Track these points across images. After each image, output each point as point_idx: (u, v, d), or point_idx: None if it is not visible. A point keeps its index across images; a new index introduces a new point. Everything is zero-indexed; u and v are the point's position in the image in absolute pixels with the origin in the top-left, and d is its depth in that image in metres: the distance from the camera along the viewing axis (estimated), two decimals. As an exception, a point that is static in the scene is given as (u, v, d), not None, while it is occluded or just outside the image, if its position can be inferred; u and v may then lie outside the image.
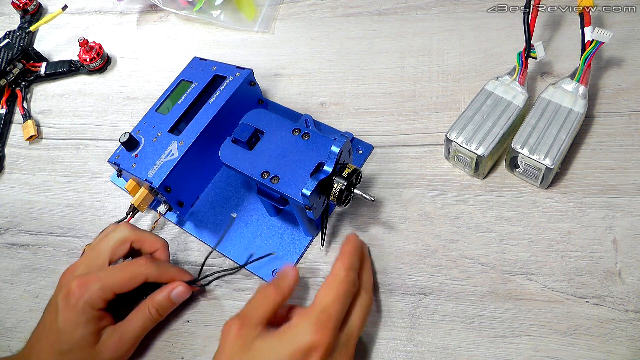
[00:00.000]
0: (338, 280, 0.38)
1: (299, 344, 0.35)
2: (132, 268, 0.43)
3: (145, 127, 0.51)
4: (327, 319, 0.36)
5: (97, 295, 0.41)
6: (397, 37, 0.60)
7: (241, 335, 0.37)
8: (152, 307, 0.43)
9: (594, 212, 0.44)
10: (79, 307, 0.40)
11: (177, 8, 0.68)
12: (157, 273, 0.43)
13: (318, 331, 0.35)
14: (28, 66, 0.68)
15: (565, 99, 0.45)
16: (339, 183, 0.40)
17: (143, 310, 0.43)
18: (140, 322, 0.43)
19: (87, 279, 0.41)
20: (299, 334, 0.36)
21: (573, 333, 0.39)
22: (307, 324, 0.36)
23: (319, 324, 0.36)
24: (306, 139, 0.43)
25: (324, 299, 0.37)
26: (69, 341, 0.40)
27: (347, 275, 0.39)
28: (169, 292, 0.44)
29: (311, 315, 0.36)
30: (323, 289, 0.38)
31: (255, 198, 0.50)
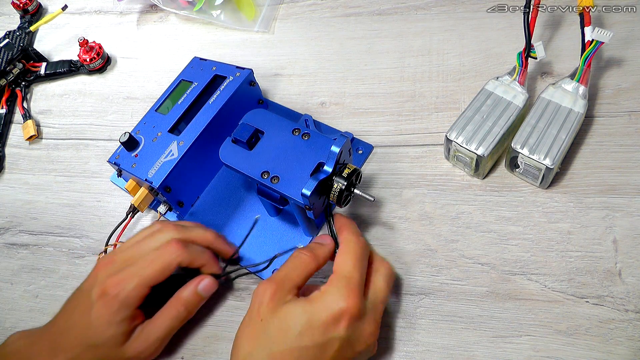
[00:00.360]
0: (352, 246, 0.39)
1: (330, 311, 0.36)
2: (163, 258, 0.41)
3: (145, 127, 0.51)
4: (353, 285, 0.37)
5: (133, 294, 0.40)
6: (397, 37, 0.60)
7: (274, 299, 0.37)
8: (181, 305, 0.42)
9: (594, 212, 0.44)
10: (114, 307, 0.40)
11: (177, 8, 0.68)
12: (190, 258, 0.42)
13: (346, 298, 0.36)
14: (28, 66, 0.68)
15: (565, 99, 0.45)
16: (339, 183, 0.40)
17: (170, 310, 0.42)
18: (168, 322, 0.42)
19: (122, 278, 0.41)
20: (328, 300, 0.36)
21: (573, 333, 0.40)
22: (335, 291, 0.37)
23: (346, 291, 0.37)
24: (306, 139, 0.43)
25: (345, 266, 0.38)
26: (99, 338, 0.40)
27: (358, 240, 0.40)
28: (196, 287, 0.43)
29: (337, 282, 0.37)
30: (341, 257, 0.39)
31: (256, 198, 0.50)
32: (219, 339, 0.45)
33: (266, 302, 0.37)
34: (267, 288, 0.38)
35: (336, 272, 0.38)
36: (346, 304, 0.36)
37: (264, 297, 0.37)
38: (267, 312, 0.37)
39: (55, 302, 0.50)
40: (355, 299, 0.36)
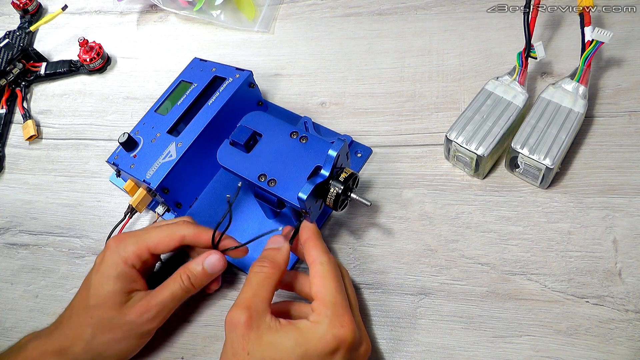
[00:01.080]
0: (327, 268, 0.38)
1: (326, 343, 0.34)
2: (169, 228, 0.42)
3: (145, 127, 0.51)
4: (342, 310, 0.35)
5: (130, 249, 0.40)
6: (397, 37, 0.60)
7: (252, 326, 0.34)
8: (185, 275, 0.41)
9: (594, 212, 0.44)
10: (111, 260, 0.40)
11: (177, 8, 0.68)
12: (194, 233, 0.42)
13: (340, 326, 0.34)
14: (28, 66, 0.68)
15: (565, 99, 0.45)
16: (335, 187, 0.40)
17: (175, 278, 0.41)
18: (171, 289, 0.41)
19: (124, 236, 0.42)
20: (321, 332, 0.34)
21: (573, 333, 0.40)
22: (326, 321, 0.35)
23: (338, 319, 0.35)
24: (304, 142, 0.43)
25: (327, 291, 0.36)
26: (97, 296, 0.40)
27: (329, 258, 0.38)
28: (202, 260, 0.41)
29: (326, 310, 0.35)
30: (319, 281, 0.37)
31: (253, 200, 0.50)
32: (219, 339, 0.45)
33: (243, 332, 0.34)
34: (240, 315, 0.35)
35: (319, 298, 0.36)
36: (342, 333, 0.34)
37: (239, 326, 0.34)
38: (252, 343, 0.34)
39: (55, 302, 0.50)
40: (349, 325, 0.35)
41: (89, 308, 0.40)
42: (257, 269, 0.38)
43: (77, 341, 0.40)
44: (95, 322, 0.40)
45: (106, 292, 0.40)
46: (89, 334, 0.40)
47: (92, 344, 0.40)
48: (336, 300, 0.36)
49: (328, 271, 0.37)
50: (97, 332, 0.40)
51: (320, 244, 0.40)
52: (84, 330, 0.40)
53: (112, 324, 0.40)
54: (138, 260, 0.41)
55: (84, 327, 0.40)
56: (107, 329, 0.40)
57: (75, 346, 0.40)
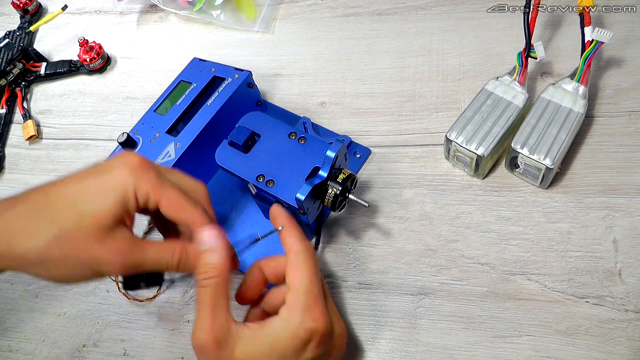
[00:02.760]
0: (303, 256, 0.36)
1: (298, 338, 0.33)
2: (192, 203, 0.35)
3: (144, 127, 0.51)
4: (315, 300, 0.35)
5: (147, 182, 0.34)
6: (397, 37, 0.59)
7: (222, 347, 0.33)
8: (178, 254, 0.35)
9: (594, 212, 0.44)
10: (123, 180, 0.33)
11: (177, 8, 0.68)
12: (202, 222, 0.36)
13: (313, 319, 0.34)
14: (28, 66, 0.68)
15: (565, 99, 0.45)
16: (333, 188, 0.40)
17: (167, 248, 0.35)
18: (158, 255, 0.35)
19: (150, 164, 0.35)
20: (293, 326, 0.33)
21: (573, 333, 0.39)
22: (297, 315, 0.34)
23: (311, 311, 0.34)
24: (302, 142, 0.43)
25: (301, 281, 0.35)
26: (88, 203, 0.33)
27: (307, 246, 0.37)
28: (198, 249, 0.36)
29: (298, 303, 0.34)
30: (294, 272, 0.35)
31: (252, 200, 0.50)
32: None
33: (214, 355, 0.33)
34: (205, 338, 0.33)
35: (293, 290, 0.35)
36: (314, 327, 0.34)
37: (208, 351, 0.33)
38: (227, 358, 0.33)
39: (55, 302, 0.50)
40: (321, 316, 0.34)
41: (72, 210, 0.33)
42: (204, 282, 0.34)
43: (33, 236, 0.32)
44: (69, 225, 0.33)
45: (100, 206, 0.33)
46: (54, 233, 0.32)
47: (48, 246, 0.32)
48: (309, 292, 0.35)
49: (303, 260, 0.36)
50: (62, 236, 0.32)
51: (295, 231, 0.38)
52: (50, 227, 0.33)
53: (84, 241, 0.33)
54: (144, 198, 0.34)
55: (51, 225, 0.33)
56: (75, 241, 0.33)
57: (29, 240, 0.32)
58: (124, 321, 0.48)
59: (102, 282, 0.49)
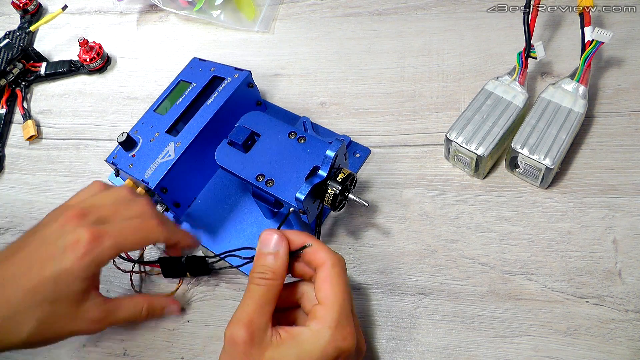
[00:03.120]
0: (337, 270, 0.36)
1: (326, 354, 0.33)
2: (146, 232, 0.41)
3: (144, 127, 0.51)
4: (347, 317, 0.34)
5: (107, 253, 0.38)
6: (397, 37, 0.59)
7: (254, 345, 0.33)
8: (146, 310, 0.43)
9: (594, 212, 0.44)
10: (85, 261, 0.37)
11: (177, 8, 0.68)
12: (166, 236, 0.42)
13: (342, 338, 0.34)
14: (28, 66, 0.68)
15: (565, 99, 0.45)
16: (333, 188, 0.40)
17: (136, 305, 0.42)
18: (129, 313, 0.42)
19: (100, 233, 0.38)
20: (322, 342, 0.33)
21: (573, 333, 0.39)
22: (327, 332, 0.33)
23: (341, 331, 0.34)
24: (302, 142, 0.43)
25: (335, 297, 0.35)
26: (58, 292, 0.37)
27: (339, 259, 0.36)
28: (165, 305, 0.45)
29: (329, 319, 0.34)
30: (328, 286, 0.35)
31: (252, 200, 0.50)
32: (219, 339, 0.45)
33: (244, 349, 0.33)
34: (242, 332, 0.33)
35: (326, 305, 0.34)
36: (344, 345, 0.34)
37: (240, 344, 0.33)
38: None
39: (55, 302, 0.50)
40: (351, 335, 0.34)
41: (44, 302, 0.37)
42: (258, 281, 0.35)
43: (16, 331, 0.37)
44: (46, 316, 0.37)
45: (69, 291, 0.37)
46: (33, 327, 0.37)
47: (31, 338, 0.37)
48: (342, 310, 0.34)
49: (337, 274, 0.35)
50: (42, 327, 0.37)
51: (322, 245, 0.37)
52: (29, 322, 0.37)
53: (63, 323, 0.38)
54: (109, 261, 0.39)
55: (29, 319, 0.37)
56: (55, 327, 0.38)
57: (12, 336, 0.37)
58: (124, 321, 0.48)
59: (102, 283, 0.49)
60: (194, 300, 0.47)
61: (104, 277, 0.50)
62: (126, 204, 0.42)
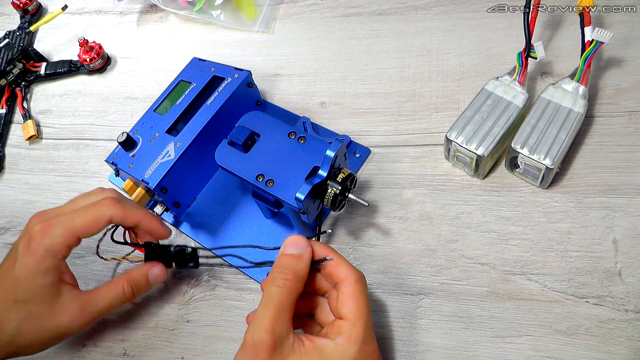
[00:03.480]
0: (360, 287, 0.35)
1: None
2: (94, 210, 0.40)
3: (143, 127, 0.51)
4: (371, 334, 0.35)
5: (58, 241, 0.38)
6: (397, 37, 0.59)
7: (276, 353, 0.32)
8: (127, 285, 0.41)
9: (594, 212, 0.44)
10: (39, 253, 0.38)
11: (177, 8, 0.68)
12: (122, 214, 0.40)
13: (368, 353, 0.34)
14: (28, 66, 0.68)
15: (565, 99, 0.45)
16: (333, 188, 0.40)
17: (115, 286, 0.41)
18: (110, 298, 0.40)
19: (49, 224, 0.38)
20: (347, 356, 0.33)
21: (573, 333, 0.39)
22: (354, 349, 0.33)
23: (366, 349, 0.34)
24: (302, 142, 0.43)
25: (361, 313, 0.34)
26: (25, 290, 0.38)
27: (362, 276, 0.36)
28: (147, 271, 0.42)
29: (357, 334, 0.34)
30: (352, 302, 0.35)
31: (252, 200, 0.50)
32: (219, 339, 0.45)
33: (266, 357, 0.32)
34: (264, 338, 0.32)
35: (351, 321, 0.34)
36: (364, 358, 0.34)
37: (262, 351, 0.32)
38: None
39: (55, 302, 0.50)
40: (375, 353, 0.34)
41: (17, 302, 0.38)
42: (279, 283, 0.34)
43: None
44: (23, 317, 0.38)
45: (36, 287, 0.38)
46: (13, 328, 0.38)
47: (14, 340, 0.38)
48: (366, 326, 0.34)
49: (361, 291, 0.35)
50: (22, 327, 0.38)
51: (344, 259, 0.37)
52: (8, 324, 0.38)
53: (40, 322, 0.38)
54: (67, 249, 0.39)
55: (8, 322, 0.38)
56: (34, 327, 0.38)
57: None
58: (124, 321, 0.48)
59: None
60: (194, 300, 0.47)
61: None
62: (86, 195, 0.42)
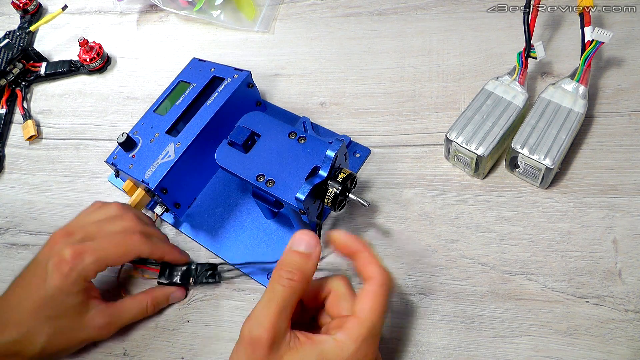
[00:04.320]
0: (383, 290, 0.35)
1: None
2: (127, 245, 0.43)
3: (143, 127, 0.51)
4: (374, 337, 0.34)
5: (90, 268, 0.41)
6: (397, 37, 0.59)
7: (273, 349, 0.32)
8: (150, 303, 0.45)
9: (594, 212, 0.44)
10: (71, 277, 0.41)
11: (177, 8, 0.68)
12: (150, 251, 0.44)
13: (366, 353, 0.33)
14: (28, 66, 0.68)
15: (565, 99, 0.45)
16: (333, 188, 0.40)
17: (140, 302, 0.45)
18: (134, 313, 0.45)
19: (82, 250, 0.41)
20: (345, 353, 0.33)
21: (573, 333, 0.39)
22: (353, 347, 0.33)
23: (367, 344, 0.33)
24: (302, 142, 0.43)
25: (371, 314, 0.34)
26: (57, 308, 0.41)
27: (389, 279, 0.35)
28: (169, 293, 0.46)
29: (359, 332, 0.33)
30: (368, 300, 0.34)
31: (252, 200, 0.50)
32: (219, 339, 0.45)
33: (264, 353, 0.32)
34: (263, 334, 0.32)
35: (359, 317, 0.34)
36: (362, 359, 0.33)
37: (260, 347, 0.32)
38: None
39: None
40: (374, 355, 0.34)
41: (49, 318, 0.41)
42: (284, 281, 0.34)
43: (30, 346, 0.40)
44: (54, 331, 0.41)
45: (67, 305, 0.41)
46: (44, 341, 0.41)
47: (45, 351, 0.41)
48: (372, 328, 0.34)
49: (383, 295, 0.35)
50: (53, 339, 0.41)
51: (376, 258, 0.36)
52: (40, 337, 0.41)
53: (70, 335, 0.42)
54: (95, 274, 0.42)
55: (39, 335, 0.41)
56: (64, 339, 0.42)
57: (28, 351, 0.41)
58: (124, 321, 0.48)
59: (102, 283, 0.49)
60: (194, 300, 0.47)
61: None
62: (111, 220, 0.45)
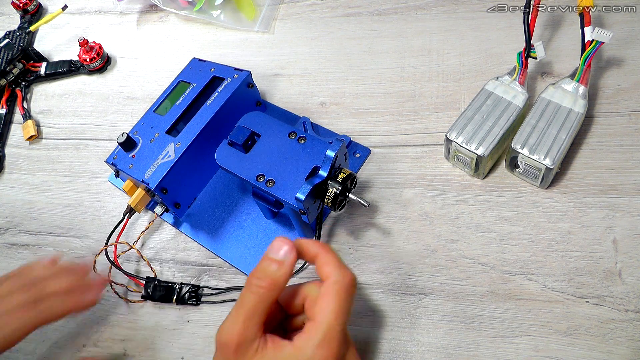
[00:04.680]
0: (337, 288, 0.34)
1: None
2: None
3: (143, 127, 0.51)
4: (332, 339, 0.33)
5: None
6: (397, 37, 0.59)
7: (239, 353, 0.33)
8: None
9: (594, 212, 0.44)
10: None
11: (177, 8, 0.68)
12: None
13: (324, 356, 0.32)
14: (28, 66, 0.68)
15: (565, 99, 0.45)
16: (333, 188, 0.40)
17: None
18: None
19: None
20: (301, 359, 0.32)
21: (573, 333, 0.39)
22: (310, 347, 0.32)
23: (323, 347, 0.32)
24: (302, 142, 0.43)
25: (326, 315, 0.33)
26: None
27: (344, 277, 0.34)
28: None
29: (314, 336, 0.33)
30: (322, 302, 0.34)
31: (252, 200, 0.50)
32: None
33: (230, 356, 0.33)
34: (231, 338, 0.33)
35: (316, 320, 0.33)
36: None
37: (227, 350, 0.33)
38: None
39: (55, 302, 0.50)
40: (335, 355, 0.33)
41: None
42: (254, 289, 0.34)
43: None
44: None
45: None
46: None
47: None
48: (330, 329, 0.33)
49: (336, 292, 0.34)
50: None
51: (333, 258, 0.35)
52: None
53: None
54: None
55: None
56: None
57: None
58: (124, 321, 0.48)
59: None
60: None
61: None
62: None
